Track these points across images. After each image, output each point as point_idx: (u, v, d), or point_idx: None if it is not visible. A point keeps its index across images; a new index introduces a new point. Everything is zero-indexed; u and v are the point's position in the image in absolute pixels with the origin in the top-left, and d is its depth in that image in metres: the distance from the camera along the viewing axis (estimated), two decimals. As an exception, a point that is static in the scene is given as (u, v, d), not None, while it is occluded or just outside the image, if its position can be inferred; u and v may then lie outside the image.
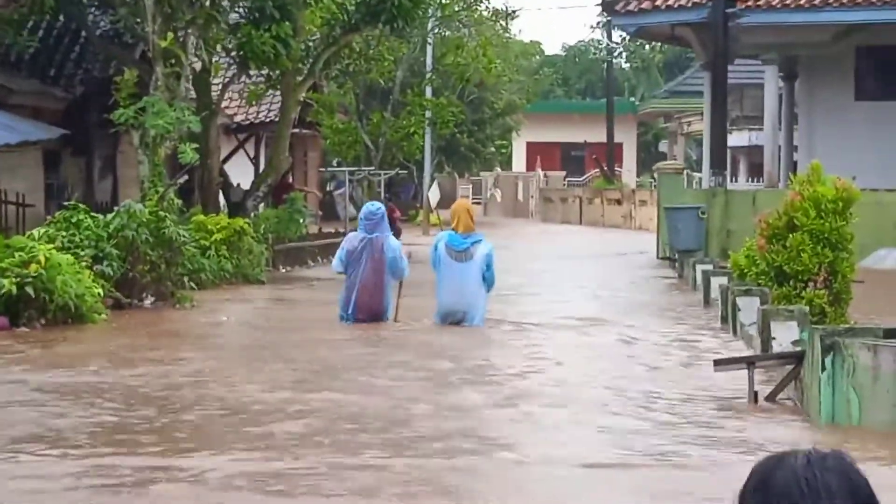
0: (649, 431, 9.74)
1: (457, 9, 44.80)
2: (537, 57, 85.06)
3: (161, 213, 19.17)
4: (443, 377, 12.31)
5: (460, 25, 48.99)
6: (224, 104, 30.56)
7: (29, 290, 15.44)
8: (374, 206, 17.26)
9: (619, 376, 12.53)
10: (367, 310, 16.47)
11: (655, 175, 37.79)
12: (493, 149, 64.76)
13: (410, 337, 15.62)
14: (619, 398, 11.22)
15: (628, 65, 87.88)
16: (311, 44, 29.86)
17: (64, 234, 17.96)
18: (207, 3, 24.33)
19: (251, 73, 28.93)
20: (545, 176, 63.86)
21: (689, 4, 30.76)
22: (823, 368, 9.79)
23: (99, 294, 16.57)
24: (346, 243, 16.83)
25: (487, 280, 16.29)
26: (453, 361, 13.30)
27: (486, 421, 10.20)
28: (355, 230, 17.44)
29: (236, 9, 26.44)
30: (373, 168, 40.78)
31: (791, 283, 14.24)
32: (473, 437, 9.40)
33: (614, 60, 75.28)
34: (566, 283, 23.95)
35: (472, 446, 9.09)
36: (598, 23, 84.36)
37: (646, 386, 11.83)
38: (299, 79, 29.04)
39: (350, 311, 16.51)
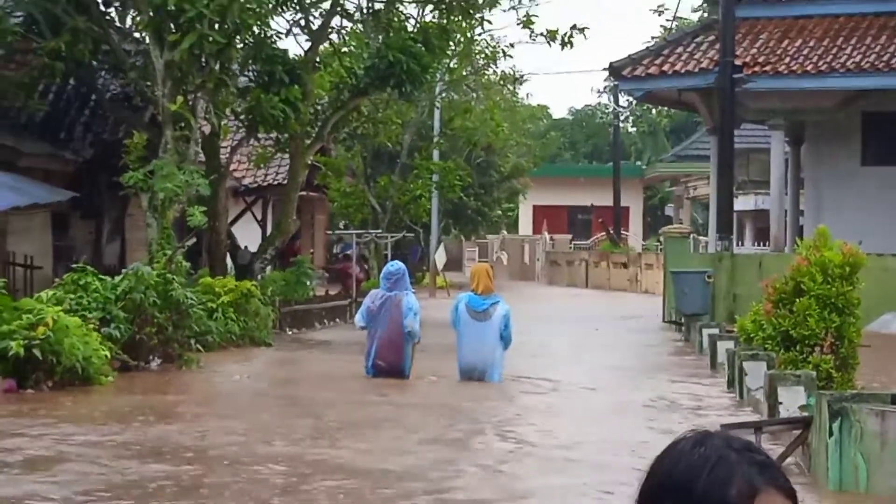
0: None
1: (465, 73, 45.03)
2: (544, 121, 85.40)
3: (169, 275, 19.22)
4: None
5: (468, 89, 49.22)
6: (232, 167, 30.69)
7: (37, 352, 15.45)
8: (394, 265, 18.15)
9: (628, 439, 12.52)
10: (387, 363, 17.30)
11: (661, 239, 37.84)
12: (499, 212, 64.96)
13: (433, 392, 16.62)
14: (628, 461, 11.20)
15: (635, 129, 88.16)
16: (319, 107, 30.02)
17: (72, 296, 18.01)
18: (217, 68, 24.48)
19: (260, 136, 29.08)
20: (551, 239, 63.95)
21: (696, 70, 30.93)
22: (831, 434, 9.79)
23: (106, 356, 16.58)
24: (368, 299, 17.77)
25: (505, 339, 17.10)
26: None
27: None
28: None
29: (246, 73, 26.62)
30: (380, 231, 40.88)
31: (798, 347, 14.24)
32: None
33: (621, 124, 75.54)
34: (574, 347, 23.93)
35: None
36: (604, 87, 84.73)
37: (654, 451, 11.78)
38: (308, 142, 29.17)
39: (370, 364, 17.42)
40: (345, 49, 32.23)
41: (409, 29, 28.84)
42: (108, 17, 26.39)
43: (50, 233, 27.08)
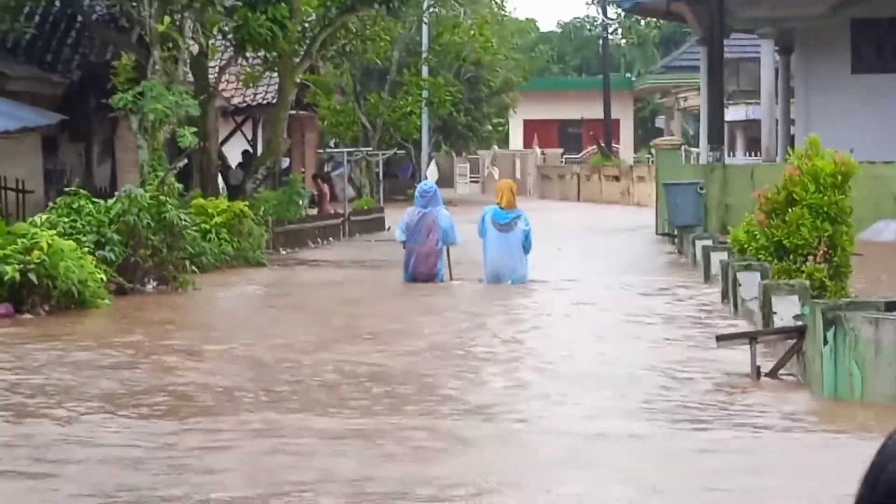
0: (648, 408, 9.80)
1: (452, -13, 44.76)
2: (533, 34, 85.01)
3: (161, 197, 19.20)
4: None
5: (456, 4, 48.95)
6: (221, 87, 30.57)
7: (32, 276, 15.47)
8: (427, 184, 21.03)
9: (623, 352, 12.61)
10: (423, 272, 19.75)
11: (653, 151, 37.82)
12: (489, 127, 64.77)
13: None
14: (624, 374, 11.28)
15: (624, 41, 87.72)
16: (307, 25, 29.88)
17: (65, 220, 17.99)
18: (204, -14, 24.35)
19: (248, 55, 28.95)
20: (542, 153, 63.86)
21: (685, -20, 30.78)
22: (825, 343, 9.85)
23: (102, 279, 16.61)
24: (406, 216, 20.21)
25: (526, 248, 19.56)
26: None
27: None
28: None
29: (232, -9, 26.48)
30: (371, 148, 40.82)
31: (791, 257, 14.28)
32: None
33: (610, 37, 75.21)
34: (569, 261, 23.96)
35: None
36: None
37: (648, 361, 11.89)
38: (296, 60, 29.05)
39: (409, 272, 19.83)
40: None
41: (396, -56, 28.62)
42: (92, -62, 26.21)
43: (40, 156, 27.03)
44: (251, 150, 37.09)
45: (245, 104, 37.02)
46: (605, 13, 71.58)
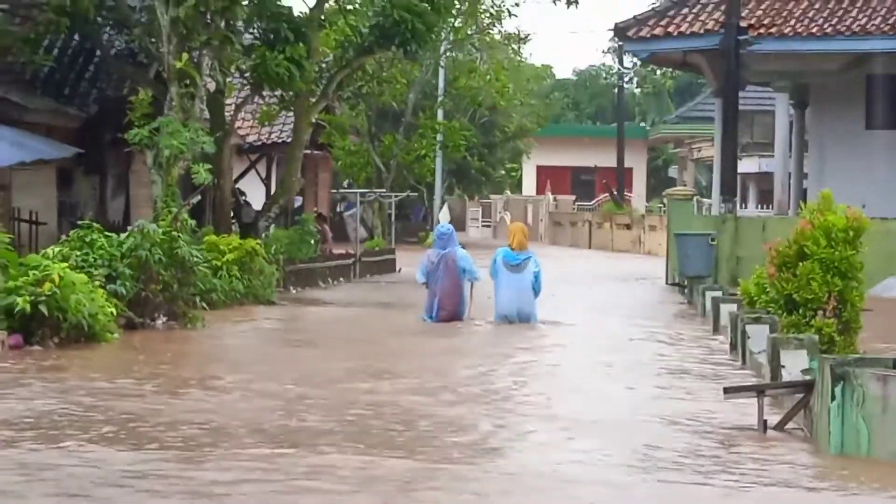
0: (658, 458, 9.79)
1: (469, 32, 44.96)
2: (548, 81, 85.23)
3: (174, 233, 19.25)
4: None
5: (473, 49, 49.15)
6: (237, 124, 30.69)
7: (43, 308, 15.51)
8: (444, 227, 21.97)
9: (628, 400, 12.60)
10: (448, 311, 20.37)
11: (665, 200, 37.86)
12: (503, 172, 64.89)
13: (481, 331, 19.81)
14: (627, 422, 11.27)
15: (639, 90, 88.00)
16: (324, 65, 30.00)
17: (78, 253, 18.05)
18: (222, 25, 24.48)
19: (264, 93, 29.07)
20: (555, 200, 63.95)
21: (702, 31, 30.89)
22: (833, 398, 9.84)
23: (112, 313, 16.64)
24: (426, 259, 20.94)
25: (536, 290, 20.23)
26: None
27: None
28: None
29: (251, 30, 26.62)
30: (384, 190, 40.88)
31: (801, 311, 14.27)
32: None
33: (625, 85, 75.40)
34: (578, 307, 23.96)
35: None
36: (609, 48, 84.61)
37: (653, 410, 11.88)
38: (312, 100, 29.17)
39: (434, 314, 20.43)
40: (350, 7, 32.14)
41: (415, -12, 28.76)
42: (113, -27, 26.37)
43: (55, 188, 27.11)
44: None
45: (260, 142, 37.12)
46: (621, 62, 71.73)
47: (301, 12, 27.91)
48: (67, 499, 7.97)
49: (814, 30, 30.43)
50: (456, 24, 42.06)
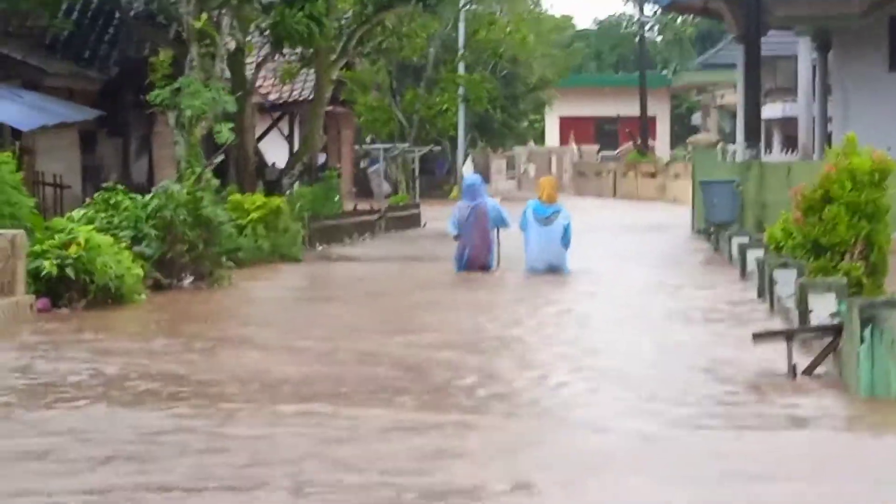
0: (688, 405, 9.78)
1: (488, -16, 44.73)
2: (569, 32, 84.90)
3: (198, 193, 19.26)
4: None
5: (492, 1, 48.97)
6: (258, 83, 30.66)
7: (69, 271, 15.57)
8: (472, 178, 22.73)
9: (658, 348, 12.60)
10: (477, 262, 20.84)
11: (689, 148, 37.74)
12: (526, 124, 64.73)
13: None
14: (657, 371, 11.27)
15: (661, 38, 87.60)
16: (343, 22, 29.92)
17: (103, 215, 18.06)
18: (241, -17, 24.43)
19: (285, 51, 29.01)
20: (579, 150, 63.78)
21: (722, -23, 30.68)
22: (862, 341, 9.82)
23: (138, 275, 16.69)
24: (457, 211, 21.25)
25: (565, 243, 20.52)
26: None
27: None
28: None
29: (269, -12, 26.55)
30: (407, 145, 40.86)
31: (827, 255, 14.24)
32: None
33: (646, 34, 74.98)
34: (605, 257, 23.93)
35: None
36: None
37: (683, 358, 11.87)
38: (332, 57, 29.11)
39: (464, 263, 20.84)
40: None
41: (433, -60, 28.68)
42: (130, -65, 26.32)
43: (78, 151, 27.19)
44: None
45: (281, 101, 37.13)
46: (641, 10, 71.36)
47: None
48: (106, 461, 8.01)
49: (835, -28, 30.20)
50: (475, -23, 41.90)
